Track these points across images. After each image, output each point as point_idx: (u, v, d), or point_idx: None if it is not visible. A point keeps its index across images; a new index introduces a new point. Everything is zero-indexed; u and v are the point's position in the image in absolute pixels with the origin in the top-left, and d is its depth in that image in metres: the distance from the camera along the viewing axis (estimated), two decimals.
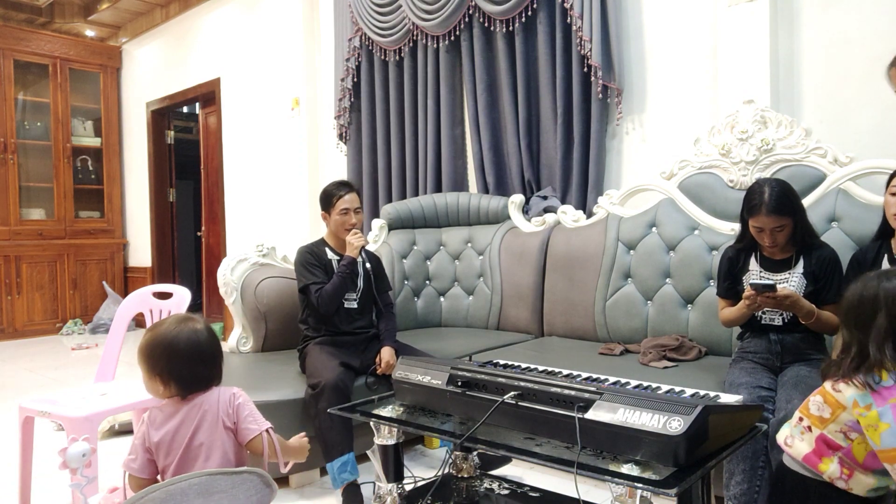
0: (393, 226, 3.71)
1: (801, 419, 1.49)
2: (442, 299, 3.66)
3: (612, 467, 1.25)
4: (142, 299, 2.65)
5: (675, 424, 1.22)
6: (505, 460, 2.31)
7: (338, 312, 2.61)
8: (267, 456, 1.44)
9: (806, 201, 2.49)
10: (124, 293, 6.66)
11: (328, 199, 2.67)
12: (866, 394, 1.36)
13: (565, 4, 3.30)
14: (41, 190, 6.48)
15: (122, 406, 2.28)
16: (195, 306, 4.98)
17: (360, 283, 2.68)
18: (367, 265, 2.73)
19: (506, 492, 1.87)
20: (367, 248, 3.05)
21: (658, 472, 1.22)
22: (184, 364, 1.43)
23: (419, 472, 2.29)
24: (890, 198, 1.94)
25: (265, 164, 5.28)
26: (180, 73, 6.25)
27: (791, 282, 2.07)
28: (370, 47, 4.34)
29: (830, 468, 1.41)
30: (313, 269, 2.62)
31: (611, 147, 3.40)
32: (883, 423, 1.33)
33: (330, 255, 2.69)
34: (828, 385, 1.45)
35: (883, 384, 1.36)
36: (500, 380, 1.53)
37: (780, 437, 1.54)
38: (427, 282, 3.68)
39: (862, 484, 1.40)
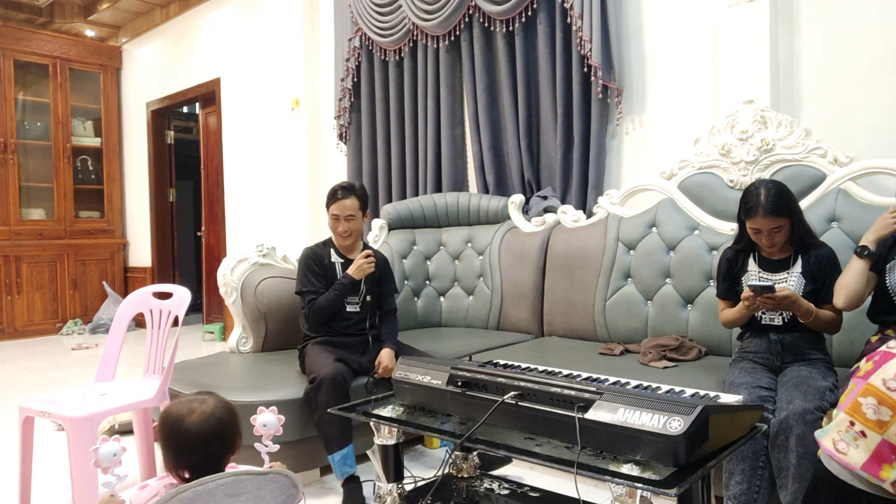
0: (393, 226, 3.71)
1: (852, 423, 1.38)
2: (442, 299, 3.66)
3: (612, 467, 1.25)
4: (142, 299, 2.65)
5: (675, 424, 1.21)
6: (505, 460, 2.31)
7: (338, 314, 2.60)
8: None
9: (806, 201, 2.49)
10: (124, 293, 6.66)
11: (327, 199, 2.66)
12: None
13: (565, 4, 3.30)
14: (41, 190, 6.48)
15: (122, 406, 2.28)
16: (195, 306, 4.98)
17: (363, 286, 2.64)
18: (374, 271, 2.64)
19: (506, 492, 1.86)
20: (373, 246, 3.05)
21: (658, 472, 1.22)
22: (193, 450, 1.36)
23: (419, 472, 2.28)
24: None
25: (265, 165, 5.28)
26: (180, 73, 6.25)
27: (790, 281, 2.06)
28: (370, 47, 4.34)
29: (892, 474, 1.33)
30: (312, 276, 2.61)
31: (611, 147, 3.40)
32: None
33: (334, 257, 2.67)
34: (877, 382, 1.35)
35: None
36: (500, 380, 1.53)
37: (827, 443, 1.44)
38: (427, 282, 3.68)
39: None
